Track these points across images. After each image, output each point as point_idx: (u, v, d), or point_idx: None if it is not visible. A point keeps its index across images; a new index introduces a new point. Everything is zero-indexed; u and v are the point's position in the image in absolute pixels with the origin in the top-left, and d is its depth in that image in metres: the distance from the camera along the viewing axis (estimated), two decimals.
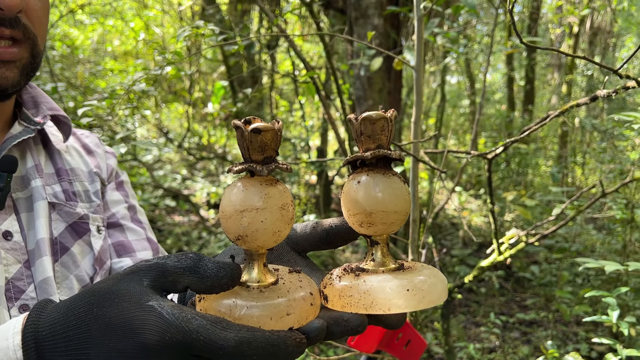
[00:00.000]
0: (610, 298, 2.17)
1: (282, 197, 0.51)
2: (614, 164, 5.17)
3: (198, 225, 6.51)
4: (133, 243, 0.98)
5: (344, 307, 0.50)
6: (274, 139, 0.50)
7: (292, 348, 0.44)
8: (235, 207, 0.49)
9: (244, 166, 0.50)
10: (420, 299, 0.48)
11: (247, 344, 0.43)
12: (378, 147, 0.52)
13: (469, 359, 3.39)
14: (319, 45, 7.43)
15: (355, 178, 0.53)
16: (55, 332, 0.45)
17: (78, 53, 7.55)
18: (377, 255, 0.54)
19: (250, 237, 0.49)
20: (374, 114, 0.51)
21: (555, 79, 9.99)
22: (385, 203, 0.51)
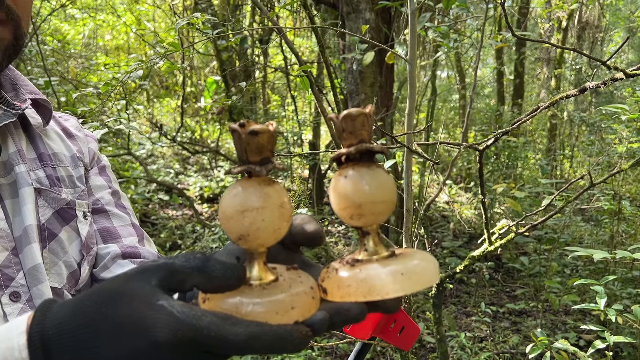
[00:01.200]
0: (598, 286, 2.23)
1: (280, 196, 0.53)
2: (602, 157, 5.26)
3: (192, 219, 6.53)
4: (118, 229, 0.96)
5: (342, 297, 0.51)
6: (270, 140, 0.52)
7: (299, 340, 0.46)
8: (236, 207, 0.51)
9: (243, 167, 0.52)
10: (415, 282, 0.51)
11: (256, 338, 0.44)
12: (360, 142, 0.54)
13: (460, 348, 3.46)
14: (311, 40, 7.45)
15: (342, 173, 0.54)
16: (62, 331, 0.45)
17: (69, 48, 7.52)
18: (369, 245, 0.56)
19: (251, 236, 0.51)
20: (354, 111, 0.53)
21: (544, 73, 10.08)
22: (372, 194, 0.53)
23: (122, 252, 0.92)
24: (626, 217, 4.67)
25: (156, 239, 5.92)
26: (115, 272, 0.89)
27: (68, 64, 7.15)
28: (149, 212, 6.58)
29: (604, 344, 2.13)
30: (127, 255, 0.92)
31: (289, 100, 7.72)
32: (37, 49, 4.35)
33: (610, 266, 4.34)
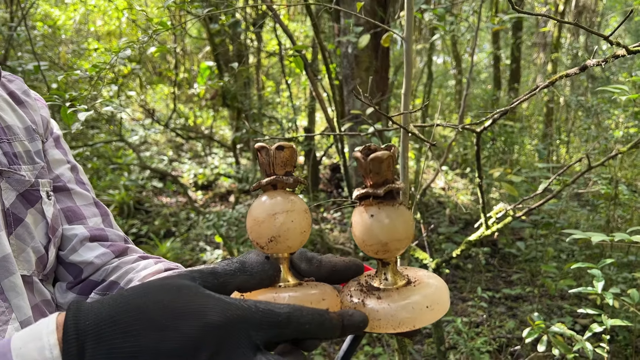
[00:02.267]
0: (596, 269, 2.21)
1: (303, 203, 0.59)
2: (599, 142, 5.24)
3: (186, 206, 6.49)
4: (82, 209, 0.93)
5: (372, 328, 0.56)
6: (292, 155, 0.59)
7: (335, 321, 0.49)
8: (268, 212, 0.57)
9: (272, 179, 0.59)
10: (437, 311, 0.56)
11: (299, 311, 0.47)
12: (385, 182, 0.58)
13: (456, 333, 3.45)
14: (305, 24, 7.37)
15: (368, 211, 0.58)
16: (101, 320, 0.43)
17: (60, 34, 7.41)
18: (389, 275, 0.61)
19: (282, 237, 0.57)
20: (381, 154, 0.57)
21: (540, 58, 10.03)
22: (398, 233, 0.57)
23: (90, 235, 0.90)
24: (622, 202, 4.66)
25: (150, 226, 5.89)
26: (84, 254, 0.88)
27: (59, 50, 7.05)
28: (143, 200, 6.54)
29: (601, 328, 2.11)
30: (94, 239, 0.90)
31: (283, 86, 7.66)
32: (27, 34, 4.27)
33: (606, 251, 4.34)
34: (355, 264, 0.63)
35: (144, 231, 5.79)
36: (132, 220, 5.99)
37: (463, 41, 8.09)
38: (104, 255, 0.89)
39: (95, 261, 0.88)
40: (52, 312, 0.77)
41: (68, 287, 0.88)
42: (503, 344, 3.46)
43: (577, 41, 9.08)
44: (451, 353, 3.27)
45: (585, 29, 1.16)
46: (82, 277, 0.88)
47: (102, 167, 6.15)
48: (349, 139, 4.67)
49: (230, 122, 7.84)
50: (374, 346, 3.49)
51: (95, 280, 0.88)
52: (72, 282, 0.88)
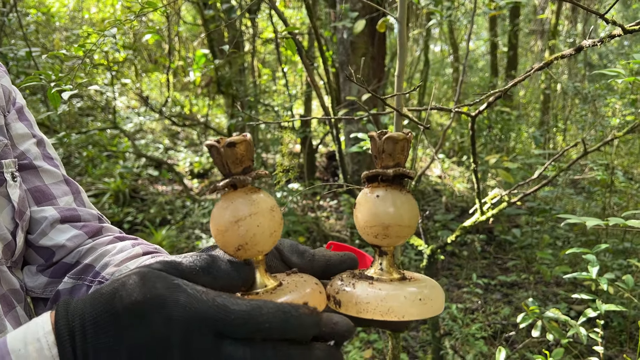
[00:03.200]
0: (591, 255, 2.20)
1: (268, 201, 0.54)
2: (595, 129, 5.22)
3: (181, 195, 6.47)
4: (52, 188, 0.86)
5: (359, 312, 0.53)
6: (248, 149, 0.53)
7: (305, 317, 0.45)
8: (229, 219, 0.52)
9: (228, 180, 0.53)
10: (429, 308, 0.53)
11: (258, 309, 0.44)
12: (396, 165, 0.56)
13: (451, 319, 3.45)
14: (301, 11, 7.31)
15: (374, 192, 0.56)
16: (85, 320, 0.45)
17: (54, 21, 7.34)
18: (384, 265, 0.58)
19: (250, 244, 0.52)
20: (397, 134, 0.55)
21: (537, 46, 9.99)
22: (402, 218, 0.55)
23: (60, 217, 0.84)
24: (618, 190, 4.66)
25: (146, 214, 5.87)
26: (55, 238, 0.82)
27: (53, 37, 6.99)
28: (138, 188, 6.52)
29: (596, 313, 2.11)
30: (66, 220, 0.84)
31: (279, 74, 7.62)
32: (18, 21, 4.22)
33: (602, 238, 4.35)
34: (350, 257, 0.61)
35: (139, 219, 5.77)
36: (127, 209, 5.97)
37: (460, 27, 8.05)
38: (77, 237, 0.84)
39: (67, 244, 0.82)
40: (20, 301, 0.76)
41: (39, 270, 0.83)
42: (498, 330, 3.47)
43: (575, 28, 9.04)
44: (446, 339, 3.27)
45: (581, 7, 1.14)
46: (53, 260, 0.83)
47: (97, 155, 6.12)
48: (345, 127, 4.65)
49: (226, 109, 7.80)
50: (369, 333, 3.50)
51: (68, 262, 0.83)
52: (43, 265, 0.83)
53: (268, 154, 6.94)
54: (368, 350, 3.28)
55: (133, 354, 0.43)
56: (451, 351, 3.07)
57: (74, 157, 6.54)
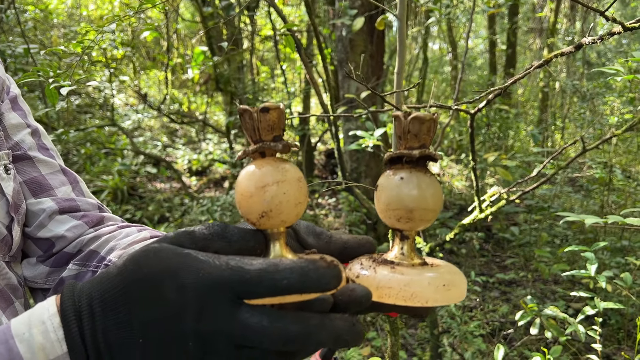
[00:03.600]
0: (589, 253, 2.20)
1: (297, 172, 0.53)
2: (594, 128, 5.23)
3: (180, 192, 6.47)
4: (48, 178, 0.83)
5: (380, 297, 0.51)
6: (280, 117, 0.52)
7: (323, 270, 0.43)
8: (257, 184, 0.50)
9: (258, 146, 0.52)
10: (452, 294, 0.51)
11: (274, 266, 0.42)
12: (422, 146, 0.54)
13: (449, 317, 3.46)
14: (300, 9, 7.30)
15: (397, 174, 0.54)
16: (92, 298, 0.44)
17: (52, 18, 7.32)
18: (405, 249, 0.56)
19: (274, 211, 0.50)
20: (423, 115, 0.53)
21: (536, 44, 9.99)
22: (427, 201, 0.53)
23: (59, 208, 0.81)
24: (616, 188, 4.67)
25: (144, 211, 5.87)
26: (54, 229, 0.80)
27: (51, 34, 6.97)
28: (137, 185, 6.51)
29: (594, 310, 2.12)
30: (64, 211, 0.82)
31: (278, 72, 7.61)
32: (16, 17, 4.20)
33: (600, 236, 4.35)
34: (368, 241, 0.59)
35: (137, 217, 5.77)
36: (125, 206, 5.96)
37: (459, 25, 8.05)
38: (76, 227, 0.82)
39: (67, 234, 0.80)
40: (19, 297, 0.75)
41: (39, 261, 0.81)
42: (496, 327, 3.48)
43: (574, 26, 9.04)
44: (444, 337, 3.28)
45: (582, 4, 1.14)
46: (53, 250, 0.81)
47: (95, 152, 6.11)
48: (344, 125, 4.65)
49: (225, 107, 7.80)
50: (368, 330, 3.50)
51: (69, 252, 0.81)
52: (42, 256, 0.81)
53: None
54: (366, 347, 3.28)
55: (147, 328, 0.42)
56: (449, 349, 3.07)
57: (72, 154, 6.53)
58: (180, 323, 0.42)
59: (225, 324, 0.42)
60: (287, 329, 0.42)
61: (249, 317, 0.41)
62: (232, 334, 0.42)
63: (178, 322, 0.42)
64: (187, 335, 0.42)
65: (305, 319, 0.43)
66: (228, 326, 0.42)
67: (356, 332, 0.45)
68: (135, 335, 0.42)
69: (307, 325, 0.42)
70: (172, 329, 0.42)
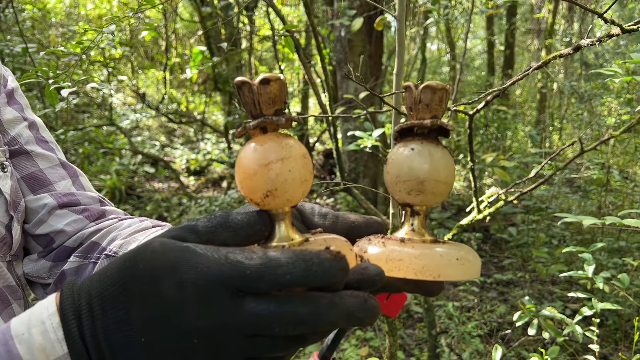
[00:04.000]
0: (586, 253, 2.21)
1: (301, 147, 0.50)
2: (591, 129, 5.24)
3: (178, 192, 6.46)
4: (47, 172, 0.81)
5: (390, 271, 0.49)
6: (281, 89, 0.49)
7: (329, 262, 0.40)
8: (259, 162, 0.48)
9: (259, 120, 0.49)
10: (466, 270, 0.49)
11: (276, 260, 0.40)
12: (433, 117, 0.52)
13: (447, 317, 3.46)
14: (299, 8, 7.30)
15: (408, 145, 0.52)
16: (91, 296, 0.42)
17: (50, 17, 7.31)
18: (416, 226, 0.54)
19: (280, 190, 0.48)
20: (435, 83, 0.51)
21: (534, 45, 10.01)
22: (439, 173, 0.51)
23: (58, 204, 0.79)
24: (613, 189, 4.68)
25: (142, 211, 5.86)
26: (53, 224, 0.79)
27: (49, 33, 6.96)
28: (135, 185, 6.50)
29: (591, 311, 2.12)
30: (64, 205, 0.80)
31: (276, 71, 7.60)
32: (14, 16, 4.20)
33: (597, 236, 4.36)
34: (377, 222, 0.56)
35: (135, 216, 5.76)
36: (123, 206, 5.96)
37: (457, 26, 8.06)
38: (76, 222, 0.80)
39: (66, 229, 0.79)
40: (17, 298, 0.73)
41: (40, 256, 0.80)
42: (494, 328, 3.48)
43: (571, 28, 9.06)
44: (442, 337, 3.28)
45: (579, 5, 1.14)
46: (53, 245, 0.79)
47: (93, 152, 6.10)
48: (342, 125, 4.65)
49: (223, 107, 7.79)
50: (365, 330, 3.50)
51: (69, 246, 0.79)
52: (43, 252, 0.80)
53: None
54: (364, 347, 3.29)
55: (148, 326, 0.41)
56: (447, 349, 3.08)
57: (70, 153, 6.52)
58: (183, 320, 0.40)
59: (230, 317, 0.40)
60: (296, 311, 0.40)
61: (255, 306, 0.40)
62: (240, 324, 0.40)
63: (180, 319, 0.40)
64: (191, 333, 0.40)
65: (314, 300, 0.41)
66: (234, 318, 0.40)
67: (369, 308, 0.43)
68: (137, 334, 0.41)
69: (317, 306, 0.41)
70: (174, 327, 0.41)
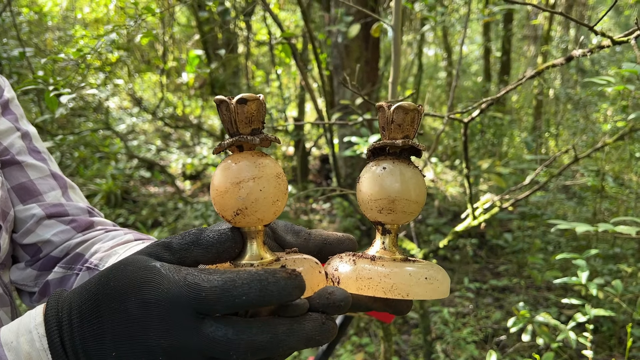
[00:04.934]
0: (580, 260, 2.22)
1: (276, 167, 0.50)
2: (587, 135, 5.26)
3: (174, 196, 6.45)
4: (37, 183, 0.81)
5: (360, 289, 0.49)
6: (259, 109, 0.50)
7: (284, 282, 0.41)
8: (231, 180, 0.48)
9: (234, 139, 0.49)
10: (435, 289, 0.50)
11: (231, 282, 0.41)
12: (405, 137, 0.53)
13: (443, 323, 3.46)
14: (296, 14, 7.32)
15: (380, 164, 0.53)
16: (72, 309, 0.44)
17: (47, 20, 7.30)
18: (387, 244, 0.55)
19: (250, 209, 0.48)
20: (407, 104, 0.52)
21: (530, 51, 10.06)
22: (409, 192, 0.52)
23: (46, 214, 0.80)
24: (609, 195, 4.70)
25: (137, 215, 5.85)
26: (42, 234, 0.80)
27: (45, 37, 6.96)
28: (130, 189, 6.49)
29: (585, 317, 2.13)
30: (52, 216, 0.81)
31: (273, 76, 7.61)
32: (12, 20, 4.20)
33: (592, 243, 4.38)
34: (349, 238, 0.57)
35: (131, 221, 5.75)
36: (119, 210, 5.94)
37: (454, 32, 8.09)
38: (63, 232, 0.81)
39: (53, 239, 0.80)
40: (4, 305, 0.75)
41: (27, 265, 0.81)
42: (489, 334, 3.49)
43: (568, 34, 9.11)
44: (437, 343, 3.28)
45: (570, 19, 1.15)
46: (40, 255, 0.80)
47: (88, 155, 6.10)
48: (339, 130, 4.66)
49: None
50: (361, 336, 3.50)
51: (56, 256, 0.80)
52: (30, 261, 0.81)
53: None
54: (360, 353, 3.29)
55: (117, 342, 0.42)
56: (442, 355, 3.08)
57: (66, 157, 6.51)
58: (148, 339, 0.42)
59: (190, 339, 0.41)
60: (254, 339, 0.41)
61: (213, 331, 0.41)
62: (200, 348, 0.41)
63: (145, 338, 0.42)
64: (156, 351, 0.42)
65: (273, 327, 0.42)
66: (193, 341, 0.41)
67: (326, 330, 0.44)
68: (107, 349, 0.43)
69: (275, 334, 0.42)
70: (140, 344, 0.42)
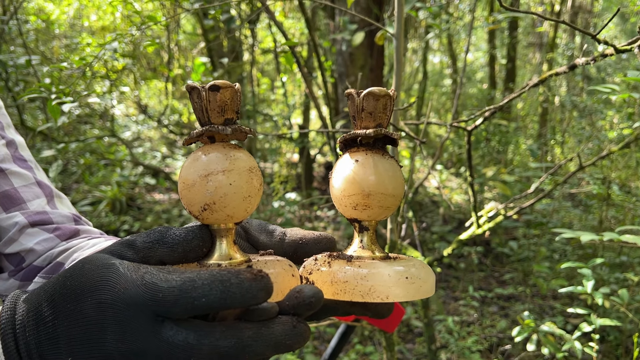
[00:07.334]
0: (586, 269, 2.20)
1: (249, 160, 0.47)
2: (592, 142, 5.24)
3: (178, 203, 6.47)
4: (21, 191, 0.80)
5: (336, 294, 0.46)
6: (233, 98, 0.46)
7: (249, 283, 0.38)
8: (199, 172, 0.45)
9: (204, 129, 0.46)
10: (418, 289, 0.46)
11: (190, 282, 0.38)
12: (378, 126, 0.49)
13: (447, 332, 3.44)
14: (300, 22, 7.35)
15: (352, 157, 0.49)
16: (28, 312, 0.43)
17: (54, 28, 7.36)
18: (365, 242, 0.51)
19: (218, 204, 0.45)
20: (378, 90, 0.48)
21: (536, 58, 10.04)
22: (385, 185, 0.48)
23: (29, 222, 0.79)
24: (615, 203, 4.67)
25: (142, 222, 5.86)
26: (24, 243, 0.78)
27: (52, 44, 7.02)
28: (135, 196, 6.51)
29: (591, 327, 2.11)
30: (35, 224, 0.79)
31: (278, 83, 7.64)
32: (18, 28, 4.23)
33: (598, 251, 4.35)
34: (326, 238, 0.53)
35: (135, 228, 5.76)
36: (124, 217, 5.96)
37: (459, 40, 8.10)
38: (47, 240, 0.79)
39: (35, 248, 0.78)
40: None
41: (10, 275, 0.79)
42: (494, 343, 3.46)
43: (573, 42, 9.10)
44: (442, 352, 3.26)
45: (573, 28, 1.15)
46: (23, 265, 0.79)
47: (94, 162, 6.13)
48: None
49: None
50: (365, 345, 3.48)
51: (38, 265, 0.79)
52: (14, 270, 0.79)
53: (266, 164, 6.95)
54: None
55: (73, 343, 0.40)
56: None
57: (71, 164, 6.54)
58: (105, 343, 0.39)
59: (148, 343, 0.38)
60: (216, 345, 0.38)
61: (173, 335, 0.38)
62: (158, 353, 0.38)
63: (102, 341, 0.39)
64: (114, 356, 0.39)
65: (238, 331, 0.39)
66: (152, 346, 0.38)
67: (298, 334, 0.41)
68: (63, 352, 0.40)
69: (240, 339, 0.39)
70: (97, 349, 0.40)
